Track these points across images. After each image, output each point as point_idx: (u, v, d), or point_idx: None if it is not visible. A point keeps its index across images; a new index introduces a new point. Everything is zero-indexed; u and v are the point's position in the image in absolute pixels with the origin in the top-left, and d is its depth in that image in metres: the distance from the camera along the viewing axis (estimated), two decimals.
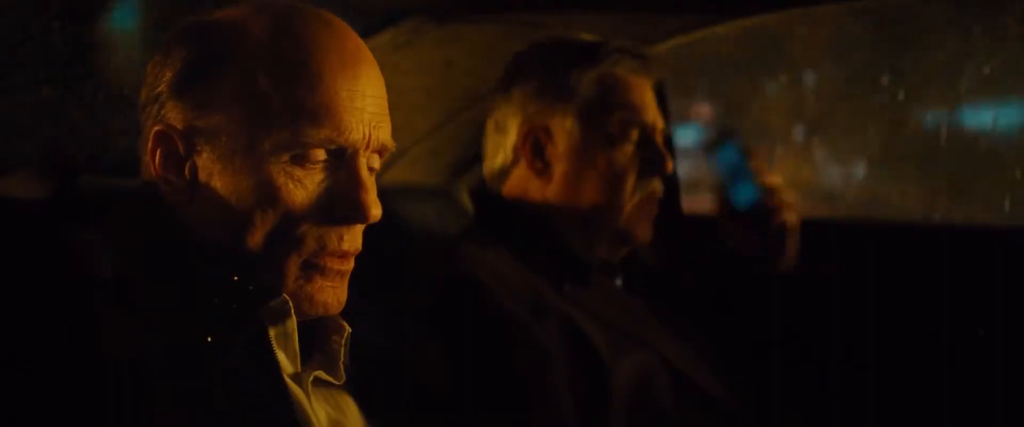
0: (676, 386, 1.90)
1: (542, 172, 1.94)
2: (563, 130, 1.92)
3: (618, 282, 2.02)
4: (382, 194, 1.34)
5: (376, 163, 1.34)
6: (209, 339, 1.23)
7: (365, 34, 1.39)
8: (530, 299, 1.82)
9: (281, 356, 1.30)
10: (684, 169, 2.71)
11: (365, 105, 1.30)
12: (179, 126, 1.29)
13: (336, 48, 1.30)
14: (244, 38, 1.29)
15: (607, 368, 1.81)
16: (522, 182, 1.96)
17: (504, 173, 1.98)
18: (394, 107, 1.36)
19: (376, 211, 1.31)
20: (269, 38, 1.28)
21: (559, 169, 1.93)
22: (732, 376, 2.00)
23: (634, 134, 1.93)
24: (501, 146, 1.97)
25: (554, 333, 1.80)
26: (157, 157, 1.30)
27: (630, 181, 1.93)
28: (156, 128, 1.30)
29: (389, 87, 1.36)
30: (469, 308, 1.77)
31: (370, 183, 1.32)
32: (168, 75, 1.30)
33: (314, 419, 1.31)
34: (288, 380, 1.30)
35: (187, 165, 1.29)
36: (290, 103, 1.26)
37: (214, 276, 1.26)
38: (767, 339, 2.12)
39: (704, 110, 3.31)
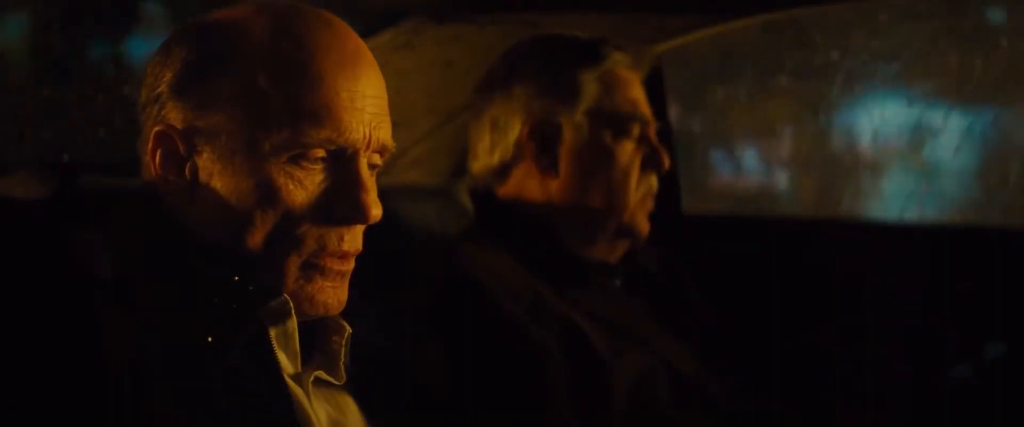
0: (675, 386, 1.90)
1: (548, 169, 1.94)
2: (572, 127, 1.93)
3: (617, 283, 2.02)
4: (382, 194, 1.34)
5: (377, 163, 1.34)
6: (209, 339, 1.23)
7: (365, 34, 1.39)
8: (529, 299, 1.82)
9: (281, 356, 1.30)
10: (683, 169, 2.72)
11: (365, 105, 1.30)
12: (179, 126, 1.29)
13: (336, 48, 1.30)
14: (244, 38, 1.29)
15: (606, 368, 1.82)
16: (523, 180, 1.96)
17: (504, 171, 1.98)
18: (394, 107, 1.36)
19: (376, 211, 1.31)
20: (269, 38, 1.28)
21: (566, 166, 1.93)
22: (731, 376, 2.00)
23: (635, 130, 1.94)
24: (500, 144, 1.97)
25: (553, 333, 1.80)
26: (157, 157, 1.30)
27: (634, 176, 1.94)
28: (156, 128, 1.30)
29: (389, 87, 1.36)
30: (469, 308, 1.77)
31: (370, 183, 1.32)
32: (168, 75, 1.30)
33: (314, 419, 1.31)
34: (288, 380, 1.30)
35: (187, 165, 1.29)
36: (290, 103, 1.26)
37: (214, 276, 1.26)
38: (765, 338, 2.13)
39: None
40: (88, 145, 1.91)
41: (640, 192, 1.96)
